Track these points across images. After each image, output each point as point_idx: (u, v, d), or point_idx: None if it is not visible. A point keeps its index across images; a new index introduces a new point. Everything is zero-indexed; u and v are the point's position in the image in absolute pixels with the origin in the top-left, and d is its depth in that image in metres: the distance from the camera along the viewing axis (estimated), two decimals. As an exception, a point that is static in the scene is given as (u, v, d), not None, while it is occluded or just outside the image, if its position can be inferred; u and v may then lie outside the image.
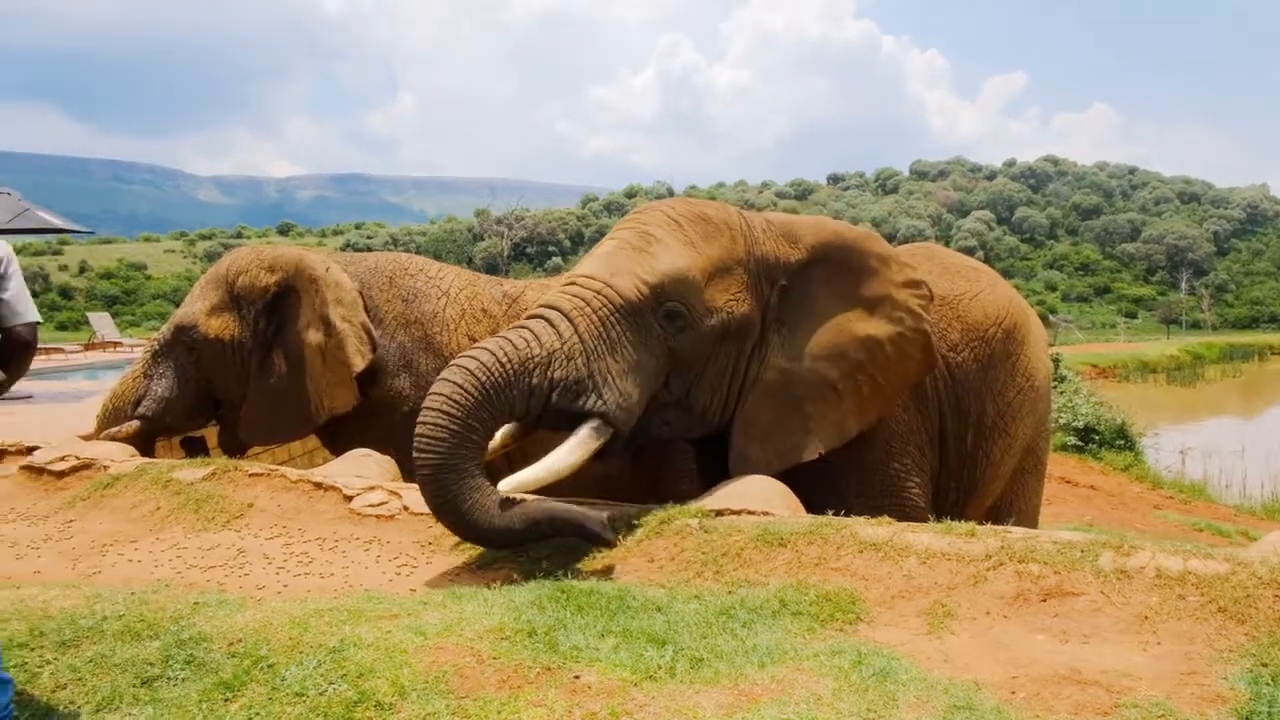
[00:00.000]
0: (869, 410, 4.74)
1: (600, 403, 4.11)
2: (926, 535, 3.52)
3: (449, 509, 3.77)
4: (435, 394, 3.85)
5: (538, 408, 4.06)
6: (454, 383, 3.85)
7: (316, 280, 6.04)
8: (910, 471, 5.04)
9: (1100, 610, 3.03)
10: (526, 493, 3.99)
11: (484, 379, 3.87)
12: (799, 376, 4.66)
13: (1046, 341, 6.09)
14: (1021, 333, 5.61)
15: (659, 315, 4.32)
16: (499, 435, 4.25)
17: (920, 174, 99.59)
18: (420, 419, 3.80)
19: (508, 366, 3.94)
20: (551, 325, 4.17)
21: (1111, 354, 43.10)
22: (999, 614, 3.10)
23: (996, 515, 5.79)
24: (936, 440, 5.29)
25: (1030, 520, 6.07)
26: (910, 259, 5.77)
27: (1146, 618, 2.97)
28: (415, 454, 3.76)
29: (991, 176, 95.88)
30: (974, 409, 5.37)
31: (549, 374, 4.04)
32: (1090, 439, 16.44)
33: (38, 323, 2.99)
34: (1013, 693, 2.59)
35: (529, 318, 4.27)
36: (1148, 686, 2.58)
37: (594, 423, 4.10)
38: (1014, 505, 5.99)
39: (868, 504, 4.09)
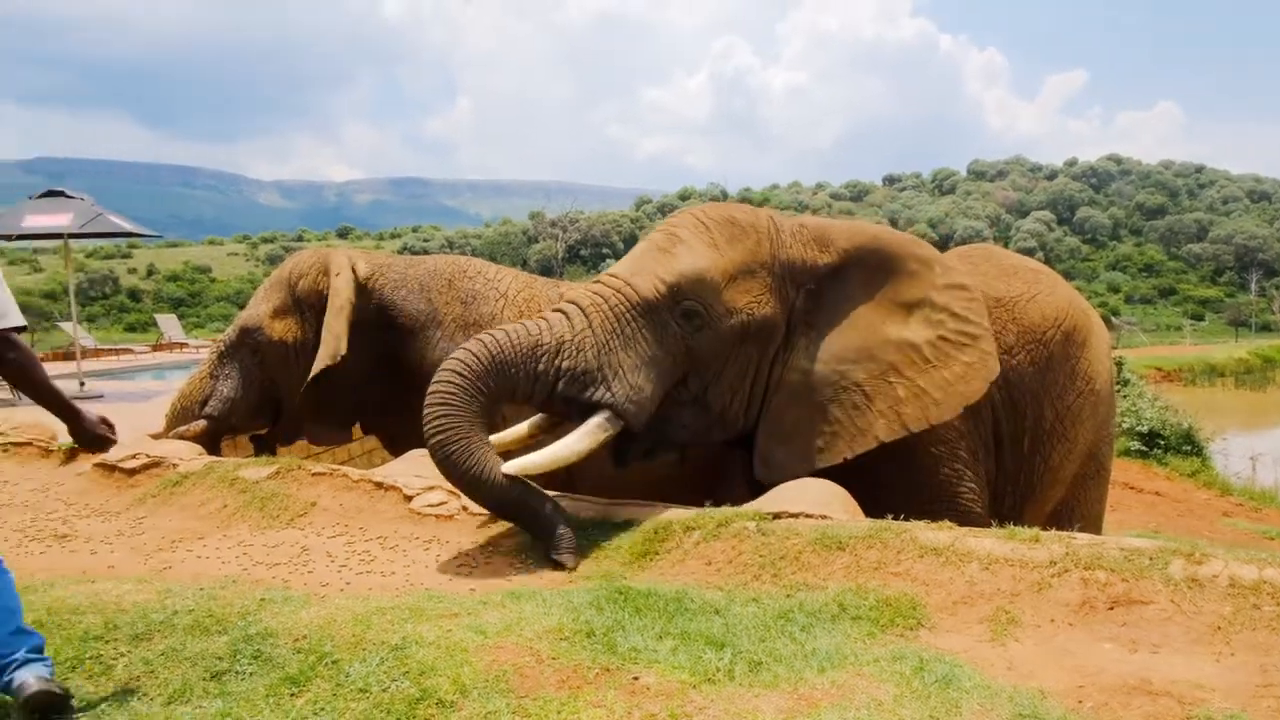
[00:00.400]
0: (909, 415, 4.59)
1: (609, 395, 4.25)
2: (989, 540, 3.47)
3: (451, 464, 4.02)
4: (448, 363, 4.16)
5: (543, 393, 4.26)
6: (466, 353, 4.15)
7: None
8: (963, 477, 4.96)
9: (1171, 619, 2.96)
10: (529, 476, 4.19)
11: (493, 354, 4.14)
12: (825, 380, 4.62)
13: (1110, 345, 5.94)
14: (1082, 335, 5.49)
15: (676, 314, 4.43)
16: (525, 426, 4.49)
17: (978, 174, 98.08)
18: (432, 384, 4.12)
19: (517, 348, 4.18)
20: (567, 318, 4.35)
21: (1177, 357, 42.01)
22: (1064, 622, 3.05)
23: (1057, 522, 5.67)
24: (991, 444, 5.19)
25: (1093, 527, 5.94)
26: (967, 260, 5.68)
27: (1219, 628, 2.90)
28: (425, 411, 4.06)
29: (1052, 176, 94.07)
30: (1031, 413, 5.26)
31: (556, 362, 4.23)
32: (1155, 444, 16.04)
33: (21, 327, 2.88)
34: (1080, 702, 2.54)
35: (550, 311, 4.48)
36: (1221, 698, 2.52)
37: (604, 414, 4.25)
38: (1076, 512, 5.86)
39: (919, 509, 4.04)
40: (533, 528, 4.11)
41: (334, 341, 5.90)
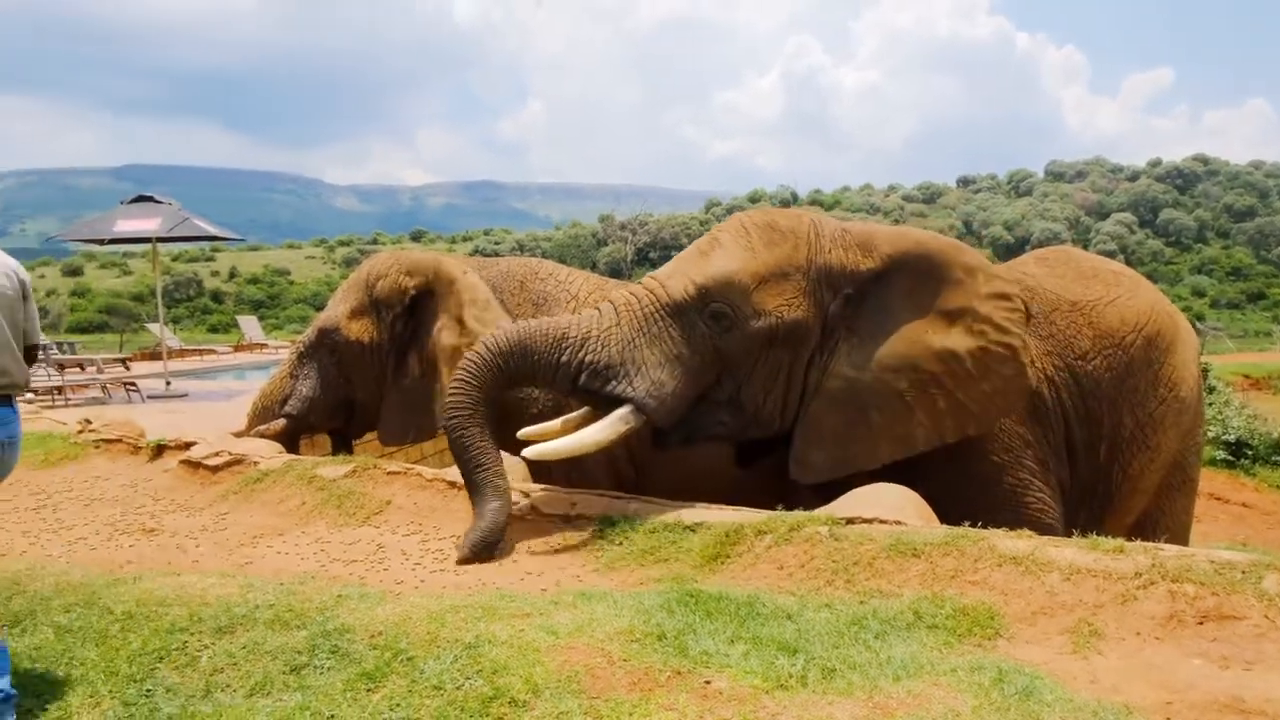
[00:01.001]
0: (947, 427, 4.61)
1: (630, 389, 4.44)
2: (1070, 550, 3.38)
3: (449, 433, 4.41)
4: (477, 344, 4.53)
5: (565, 383, 4.51)
6: (495, 335, 4.52)
7: (454, 283, 6.19)
8: (1029, 486, 4.87)
9: (1264, 635, 2.85)
10: (548, 460, 4.58)
11: (520, 338, 4.46)
12: (866, 385, 4.62)
13: (1198, 351, 5.74)
14: (1166, 340, 5.32)
15: (704, 315, 4.55)
16: (559, 421, 4.66)
17: (1056, 175, 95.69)
18: (461, 360, 4.51)
19: (544, 337, 4.47)
20: (599, 314, 4.60)
21: (1266, 364, 40.35)
22: (1150, 635, 2.95)
23: (1141, 533, 5.50)
24: (1063, 452, 5.07)
25: (1179, 540, 5.74)
26: (1044, 263, 5.54)
27: (1317, 645, 2.78)
28: (447, 391, 4.50)
29: (1134, 177, 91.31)
30: (1108, 420, 5.13)
31: (580, 355, 4.47)
32: (1242, 454, 15.47)
33: (43, 345, 3.36)
34: (1167, 719, 2.46)
35: (586, 309, 4.77)
36: (1319, 719, 2.41)
37: (626, 409, 4.43)
38: (1161, 523, 5.67)
39: (983, 519, 3.97)
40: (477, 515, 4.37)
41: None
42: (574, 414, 4.69)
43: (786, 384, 4.67)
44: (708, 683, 2.61)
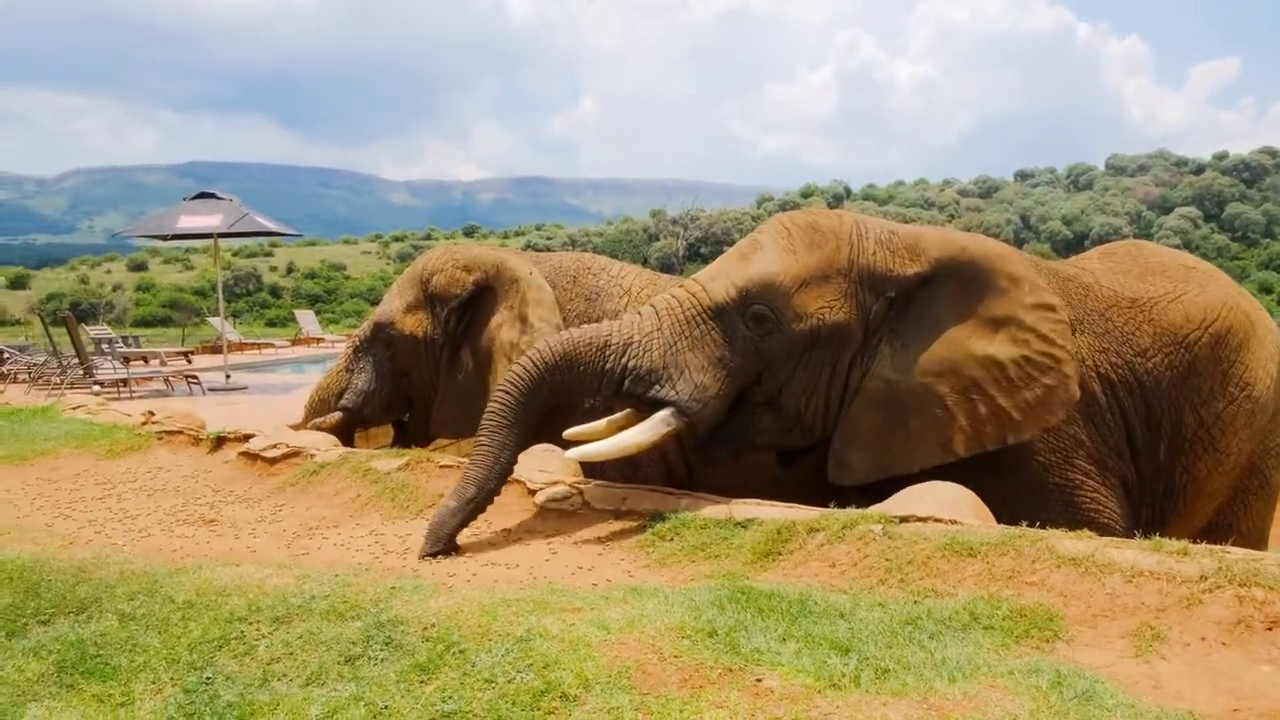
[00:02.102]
0: (987, 434, 4.54)
1: (673, 392, 4.46)
2: (1132, 552, 3.30)
3: (482, 438, 4.49)
4: (524, 357, 4.58)
5: (610, 389, 4.55)
6: (539, 349, 4.55)
7: (519, 281, 6.21)
8: (1081, 485, 4.78)
9: (1337, 643, 2.75)
10: (589, 462, 4.64)
11: (565, 351, 4.50)
12: (908, 389, 4.58)
13: (1278, 350, 5.45)
14: (1238, 338, 5.14)
15: (746, 317, 4.55)
16: (604, 422, 4.68)
17: (1117, 169, 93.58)
18: (504, 377, 4.57)
19: (588, 347, 4.51)
20: (641, 319, 4.62)
21: (1339, 361, 39.16)
22: (1216, 640, 2.87)
23: (1211, 539, 5.32)
24: (1125, 450, 4.95)
25: (1256, 548, 5.54)
26: (1110, 258, 5.40)
27: (1393, 654, 2.68)
28: (490, 401, 4.55)
29: (1199, 171, 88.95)
30: (1168, 419, 5.00)
31: (623, 361, 4.50)
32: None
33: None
34: (1234, 727, 2.39)
35: (628, 313, 4.78)
36: (1395, 730, 2.33)
37: (669, 410, 4.46)
38: (1234, 529, 5.45)
39: (1031, 518, 3.89)
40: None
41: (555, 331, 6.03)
42: (618, 415, 4.72)
43: (828, 386, 4.65)
44: (759, 681, 2.59)
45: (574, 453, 4.55)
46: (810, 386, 4.63)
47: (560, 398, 4.61)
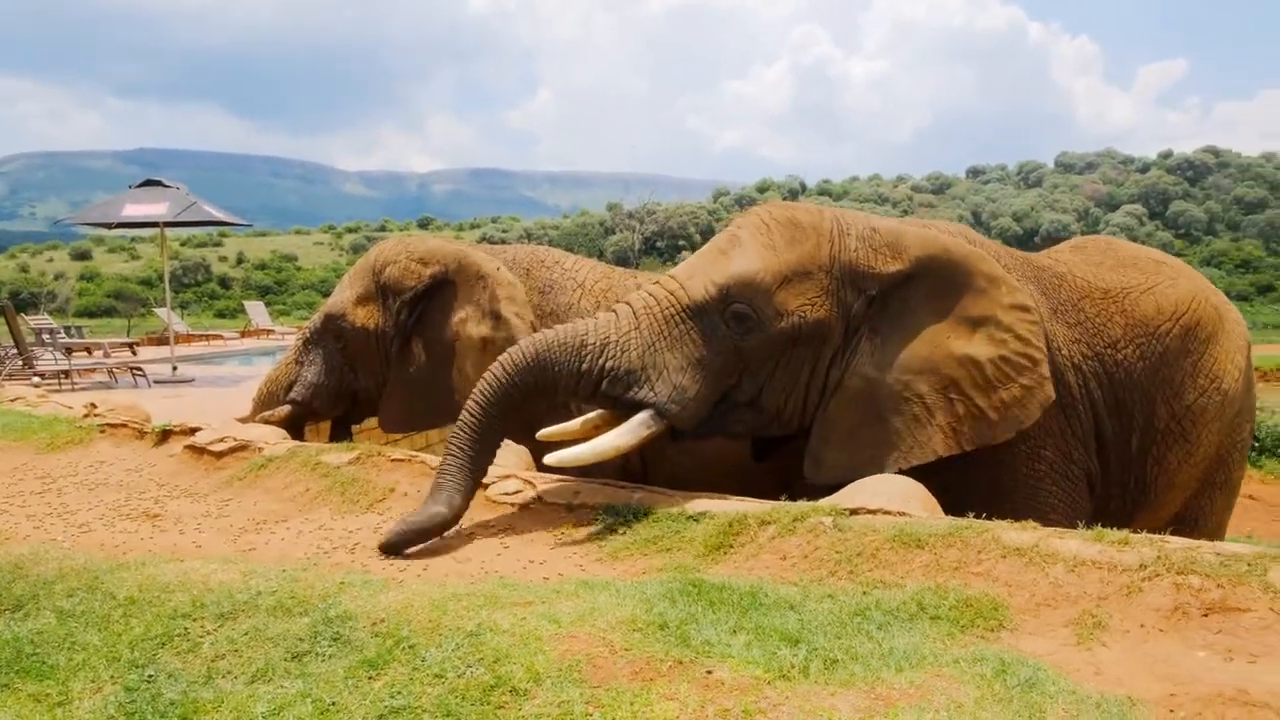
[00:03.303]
0: (964, 434, 4.53)
1: (652, 394, 4.38)
2: (1075, 542, 3.36)
3: (452, 446, 4.39)
4: (498, 360, 4.46)
5: (586, 391, 4.43)
6: (513, 351, 4.44)
7: (486, 277, 6.15)
8: (1046, 476, 4.82)
9: (1270, 628, 2.83)
10: (568, 468, 4.45)
11: (538, 352, 4.39)
12: (886, 387, 4.56)
13: (1246, 342, 5.56)
14: (1207, 330, 5.20)
15: (726, 316, 4.47)
16: (578, 422, 4.57)
17: (1066, 166, 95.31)
18: (476, 384, 4.44)
19: (563, 347, 4.39)
20: (617, 317, 4.50)
21: (1275, 356, 40.27)
22: (1155, 627, 2.93)
23: (1177, 532, 5.41)
24: (1092, 442, 4.98)
25: (1214, 539, 5.66)
26: (1081, 252, 5.45)
27: (1323, 639, 2.76)
28: (464, 409, 4.43)
29: (1144, 169, 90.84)
30: (1140, 411, 5.04)
31: (600, 361, 4.39)
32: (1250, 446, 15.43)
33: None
34: (1171, 711, 2.44)
35: (603, 311, 4.65)
36: (1325, 714, 2.40)
37: (647, 413, 4.37)
38: (1198, 523, 5.53)
39: (996, 509, 3.94)
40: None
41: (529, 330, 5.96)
42: (591, 414, 4.62)
43: (808, 384, 4.61)
44: (709, 672, 2.60)
45: (553, 458, 4.39)
46: (790, 384, 4.59)
47: (537, 401, 4.49)
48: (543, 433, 4.57)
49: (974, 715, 2.36)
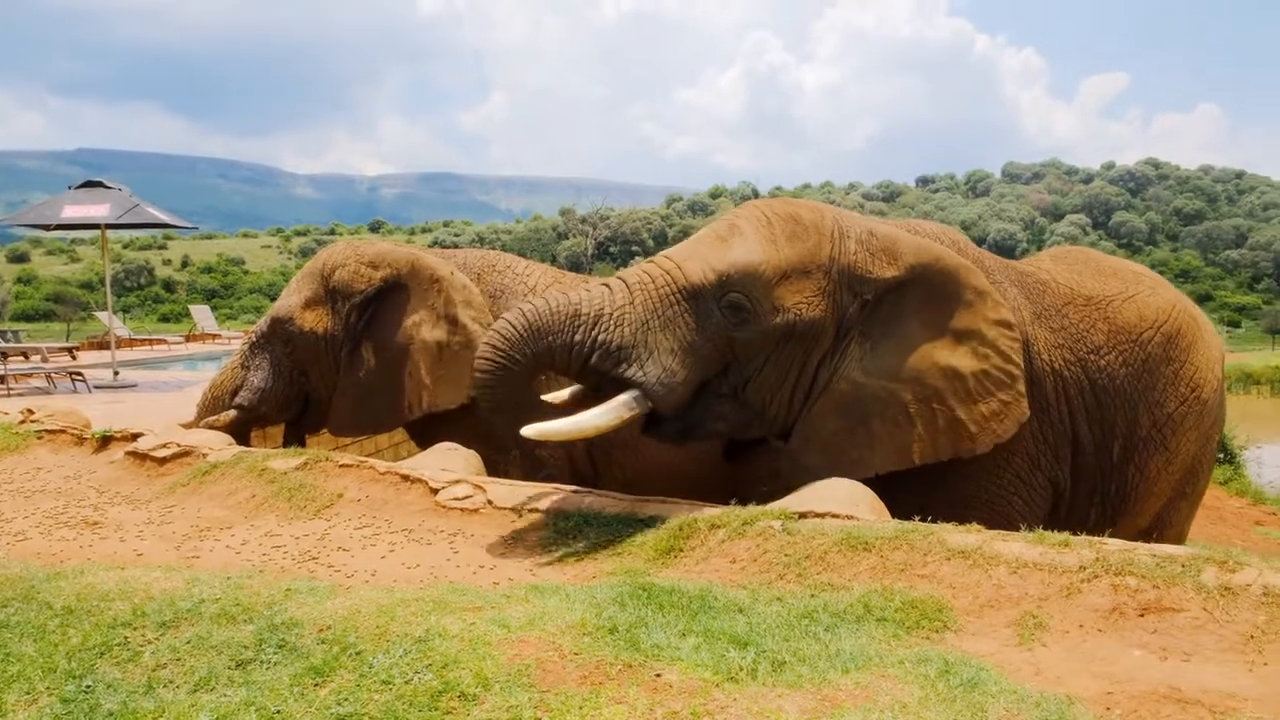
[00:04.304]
0: (943, 444, 4.56)
1: (641, 374, 4.29)
2: (1017, 544, 3.43)
3: (497, 414, 4.39)
4: (490, 332, 4.37)
5: (578, 363, 4.34)
6: (505, 322, 4.33)
7: (441, 280, 6.12)
8: (1011, 486, 4.85)
9: (1202, 627, 2.91)
10: (548, 441, 4.42)
11: (531, 323, 4.27)
12: (872, 393, 4.56)
13: (1222, 353, 5.63)
14: (1187, 339, 5.26)
15: (722, 304, 4.41)
16: (566, 392, 4.57)
17: (1013, 176, 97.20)
18: (477, 354, 4.36)
19: (556, 317, 4.30)
20: (611, 291, 4.42)
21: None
22: (1093, 627, 3.00)
23: (1149, 540, 5.43)
24: (1065, 450, 5.00)
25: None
26: (1062, 261, 5.50)
27: (1253, 637, 2.84)
28: (473, 381, 4.39)
29: (1088, 180, 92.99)
30: (1123, 418, 5.06)
31: (593, 334, 4.30)
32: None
33: None
34: (1108, 709, 2.50)
35: (597, 283, 4.54)
36: (1254, 708, 2.47)
37: (633, 392, 4.29)
38: (1164, 532, 5.57)
39: (960, 515, 3.98)
40: None
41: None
42: (563, 391, 4.57)
43: (795, 384, 4.58)
44: (658, 675, 2.61)
45: (531, 430, 4.27)
46: (777, 382, 4.55)
47: (535, 374, 4.42)
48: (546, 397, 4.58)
49: (918, 715, 2.39)
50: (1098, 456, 5.07)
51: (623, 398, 4.29)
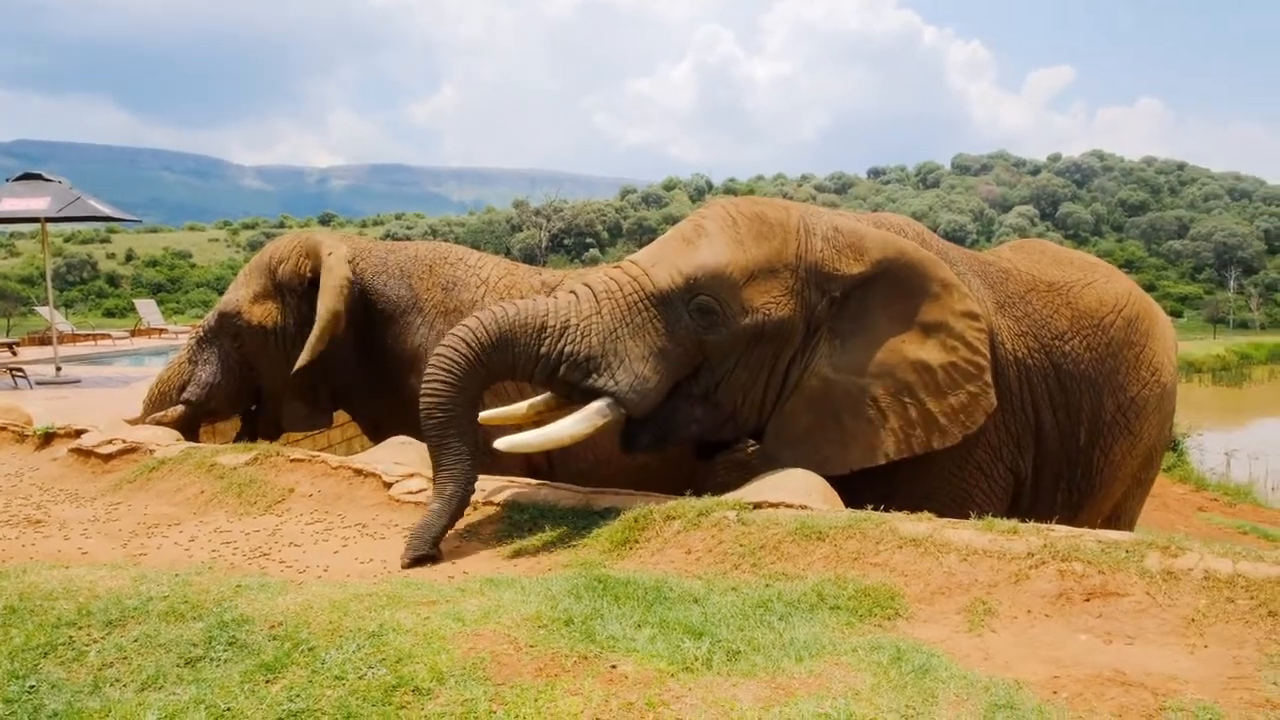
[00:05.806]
0: (916, 437, 4.57)
1: (612, 382, 4.26)
2: (968, 532, 3.48)
3: (428, 436, 4.17)
4: (453, 333, 4.23)
5: (543, 375, 4.29)
6: (471, 325, 4.21)
7: (321, 264, 6.14)
8: (972, 477, 4.90)
9: (1145, 611, 2.98)
10: (520, 453, 4.32)
11: (500, 329, 4.18)
12: (843, 389, 4.57)
13: (1175, 339, 5.73)
14: (1146, 324, 5.34)
15: (690, 307, 4.38)
16: (524, 405, 4.48)
17: (962, 168, 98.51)
18: (435, 353, 4.21)
19: (523, 326, 4.22)
20: (577, 300, 4.36)
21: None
22: (1041, 613, 3.06)
23: (1111, 526, 5.49)
24: (1028, 439, 5.03)
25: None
26: (1020, 251, 5.59)
27: (1194, 620, 2.92)
28: (424, 380, 4.17)
29: (1035, 171, 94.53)
30: (1088, 403, 5.11)
31: (560, 345, 4.25)
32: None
33: None
34: (1054, 693, 2.55)
35: (563, 291, 4.47)
36: (1195, 690, 2.53)
37: (605, 401, 4.26)
38: (1123, 519, 5.63)
39: (925, 507, 4.00)
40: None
41: (332, 321, 5.86)
42: (537, 399, 4.51)
43: (766, 383, 4.57)
44: (614, 667, 2.61)
45: (503, 443, 4.23)
46: (749, 382, 4.53)
47: (494, 381, 4.35)
48: (485, 415, 4.40)
49: (870, 701, 2.42)
50: (1063, 442, 5.13)
51: (595, 405, 4.26)
